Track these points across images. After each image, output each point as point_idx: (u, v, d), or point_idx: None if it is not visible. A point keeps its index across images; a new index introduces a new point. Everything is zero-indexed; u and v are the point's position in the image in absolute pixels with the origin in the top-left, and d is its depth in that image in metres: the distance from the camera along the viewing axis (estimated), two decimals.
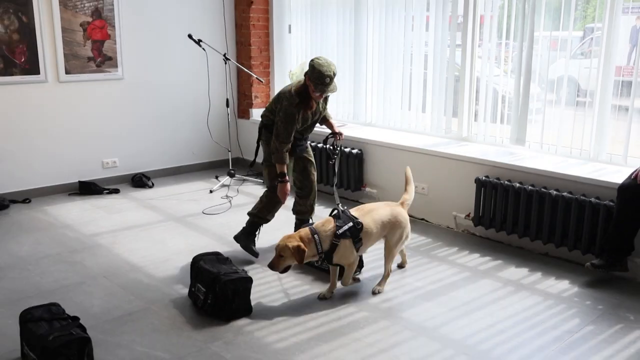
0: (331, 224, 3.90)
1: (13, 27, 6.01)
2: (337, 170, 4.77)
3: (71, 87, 6.49)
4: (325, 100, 4.75)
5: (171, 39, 7.03)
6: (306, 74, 4.35)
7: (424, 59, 5.90)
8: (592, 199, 4.36)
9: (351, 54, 6.53)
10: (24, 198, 6.32)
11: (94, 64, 6.57)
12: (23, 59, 6.11)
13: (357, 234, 3.91)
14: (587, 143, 4.85)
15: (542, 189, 4.61)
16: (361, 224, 3.94)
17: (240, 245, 4.74)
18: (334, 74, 4.31)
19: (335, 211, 4.05)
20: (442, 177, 5.41)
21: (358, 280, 4.30)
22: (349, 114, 6.71)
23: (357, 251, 3.97)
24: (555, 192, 4.54)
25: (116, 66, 6.70)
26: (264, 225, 4.87)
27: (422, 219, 5.62)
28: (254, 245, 4.77)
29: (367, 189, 6.09)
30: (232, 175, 6.80)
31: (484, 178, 4.97)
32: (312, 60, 4.31)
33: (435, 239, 5.14)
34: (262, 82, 7.20)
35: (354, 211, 4.07)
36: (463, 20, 5.43)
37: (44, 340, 3.07)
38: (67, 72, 6.40)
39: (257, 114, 7.44)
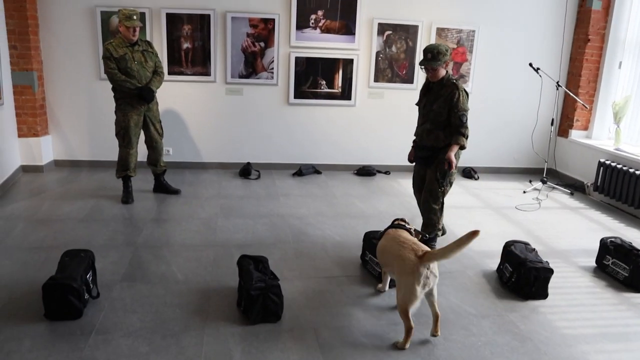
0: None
1: (402, 48, 6.53)
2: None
3: None
4: (452, 109, 3.98)
5: (512, 64, 6.83)
6: None
7: None
8: None
9: None
10: (386, 170, 6.90)
11: None
12: (404, 72, 6.61)
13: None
14: None
15: None
16: (381, 234, 3.41)
17: None
18: (437, 51, 3.92)
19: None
20: None
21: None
22: None
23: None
24: None
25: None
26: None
27: None
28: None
29: None
30: (544, 182, 6.39)
31: None
32: None
33: None
34: (586, 107, 6.58)
35: (392, 230, 3.29)
36: None
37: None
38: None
39: (576, 134, 6.84)
